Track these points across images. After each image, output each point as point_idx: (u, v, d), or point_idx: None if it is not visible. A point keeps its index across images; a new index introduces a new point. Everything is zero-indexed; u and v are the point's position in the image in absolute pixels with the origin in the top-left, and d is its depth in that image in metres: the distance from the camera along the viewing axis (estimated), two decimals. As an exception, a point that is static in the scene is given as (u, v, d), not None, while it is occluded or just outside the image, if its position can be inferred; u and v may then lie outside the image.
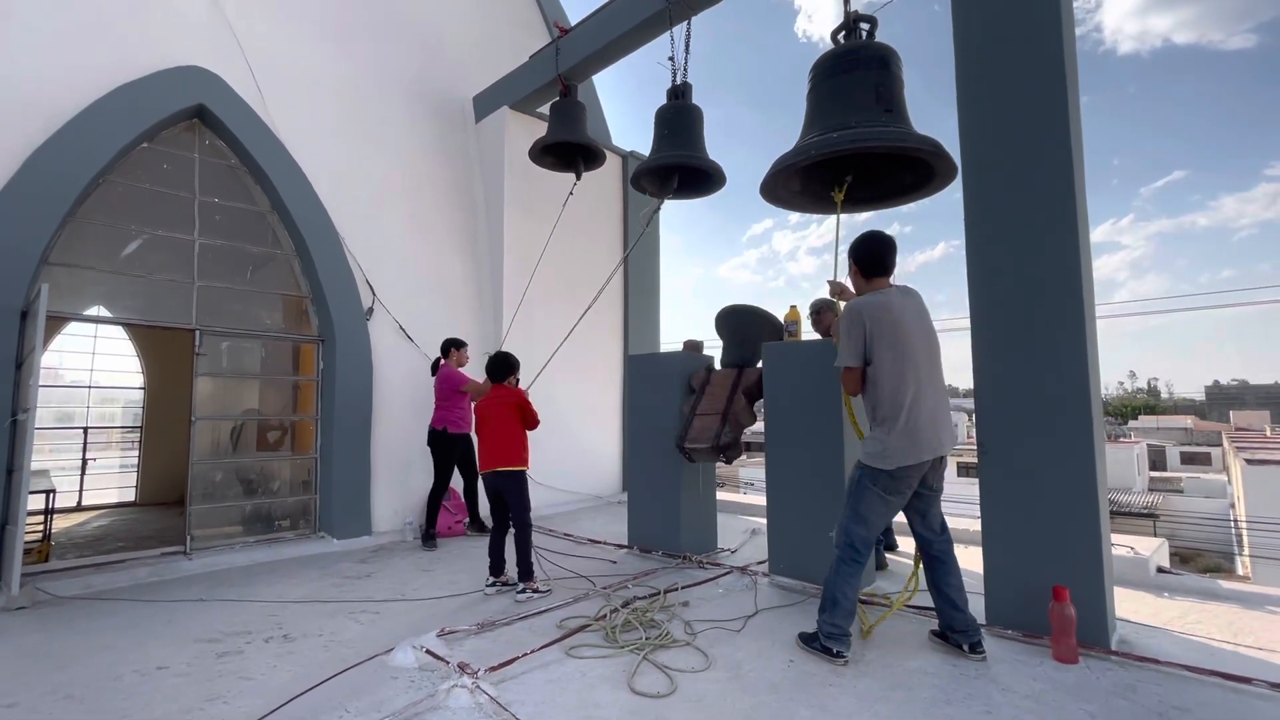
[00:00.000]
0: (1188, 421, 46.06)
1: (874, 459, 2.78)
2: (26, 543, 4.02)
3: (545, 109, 6.29)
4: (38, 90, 4.21)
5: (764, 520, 4.22)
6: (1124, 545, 4.09)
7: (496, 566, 3.93)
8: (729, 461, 4.39)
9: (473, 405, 5.36)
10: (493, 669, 2.63)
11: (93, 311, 6.69)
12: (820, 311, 4.35)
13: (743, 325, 4.60)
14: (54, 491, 5.55)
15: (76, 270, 4.68)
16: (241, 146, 5.12)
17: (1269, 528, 15.87)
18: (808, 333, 4.32)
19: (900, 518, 2.98)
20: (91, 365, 8.52)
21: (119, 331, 8.61)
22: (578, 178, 5.84)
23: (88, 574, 4.16)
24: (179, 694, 2.53)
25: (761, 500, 5.41)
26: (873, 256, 2.95)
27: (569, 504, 6.69)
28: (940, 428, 2.78)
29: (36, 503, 4.90)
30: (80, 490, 7.94)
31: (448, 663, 2.69)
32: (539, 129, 6.05)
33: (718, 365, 4.75)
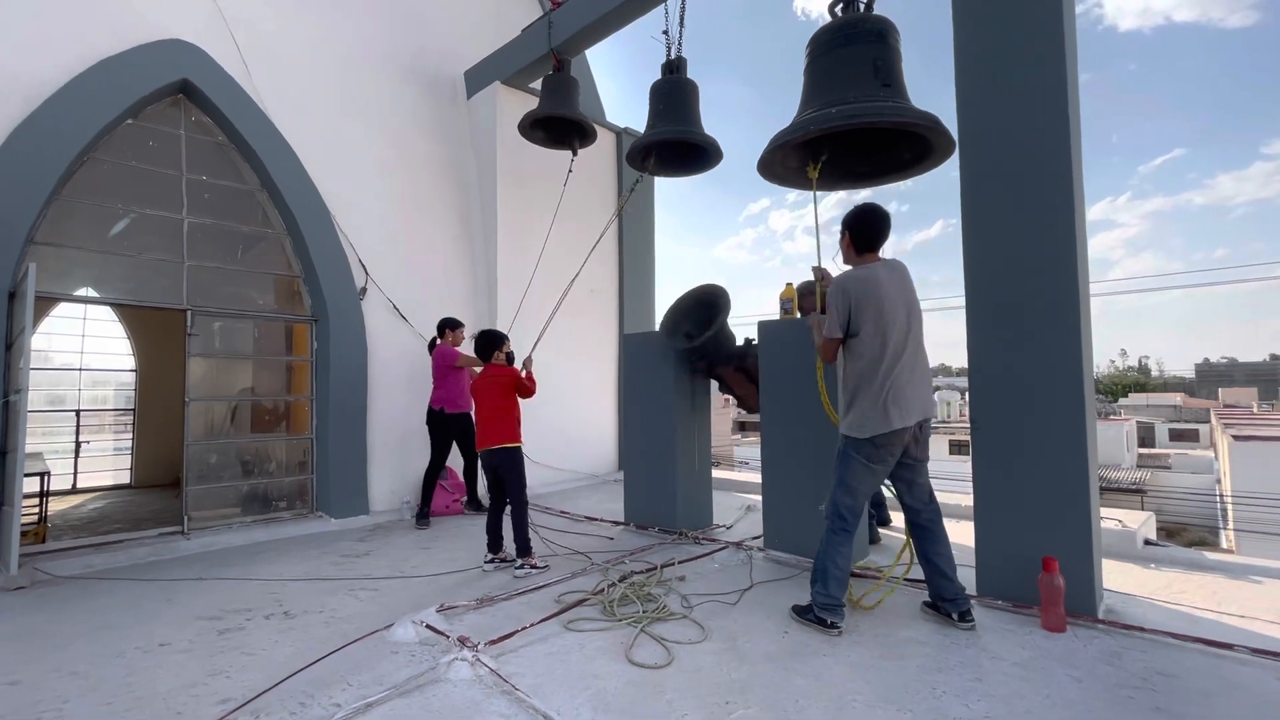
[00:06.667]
0: (1177, 399, 46.51)
1: (853, 428, 2.86)
2: (23, 524, 4.02)
3: (538, 84, 6.19)
4: (15, 66, 4.11)
5: (759, 497, 4.26)
6: (1112, 519, 4.16)
7: (494, 543, 3.97)
8: None
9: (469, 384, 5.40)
10: (493, 642, 2.67)
11: (81, 292, 6.61)
12: (803, 296, 4.31)
13: (701, 313, 4.50)
14: (48, 474, 5.54)
15: (64, 250, 4.61)
16: (228, 123, 5.02)
17: (1253, 502, 16.17)
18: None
19: (889, 491, 3.03)
20: (81, 348, 8.44)
21: (108, 313, 8.52)
22: (574, 154, 5.77)
23: (87, 554, 4.18)
24: (182, 670, 2.56)
25: (756, 478, 5.45)
26: (864, 230, 2.99)
27: (565, 482, 6.73)
28: (918, 397, 2.84)
29: (31, 485, 4.89)
30: (75, 473, 7.94)
31: (448, 637, 2.73)
32: (532, 105, 5.95)
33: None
